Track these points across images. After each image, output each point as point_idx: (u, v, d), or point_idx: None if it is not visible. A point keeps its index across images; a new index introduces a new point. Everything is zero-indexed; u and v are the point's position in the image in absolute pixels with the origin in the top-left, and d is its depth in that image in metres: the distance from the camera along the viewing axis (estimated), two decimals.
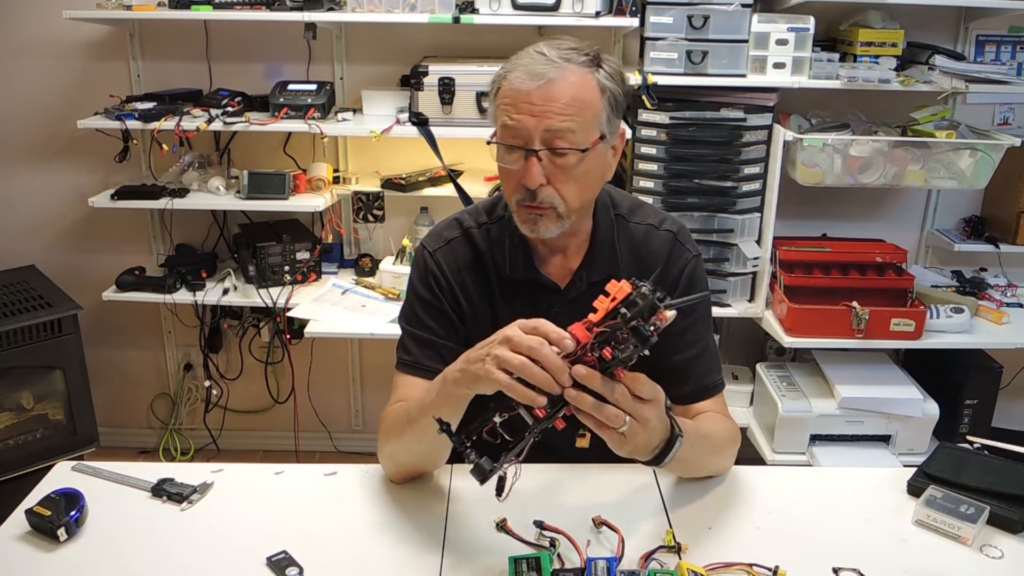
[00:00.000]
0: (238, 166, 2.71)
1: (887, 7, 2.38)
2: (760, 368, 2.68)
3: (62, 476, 1.32)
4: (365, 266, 2.76)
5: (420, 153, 2.58)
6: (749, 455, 2.37)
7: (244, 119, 2.46)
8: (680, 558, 1.12)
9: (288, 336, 2.85)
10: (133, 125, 2.46)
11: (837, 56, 2.36)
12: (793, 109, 2.58)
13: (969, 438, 1.43)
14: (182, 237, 2.89)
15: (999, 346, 2.52)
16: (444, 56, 2.59)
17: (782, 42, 2.31)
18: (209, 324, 2.94)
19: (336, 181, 2.70)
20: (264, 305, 2.57)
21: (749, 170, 2.44)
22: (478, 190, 2.56)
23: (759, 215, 2.50)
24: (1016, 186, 2.60)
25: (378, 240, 2.87)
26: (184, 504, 1.25)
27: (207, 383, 3.02)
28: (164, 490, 1.27)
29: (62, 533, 1.15)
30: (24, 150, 2.82)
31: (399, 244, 2.68)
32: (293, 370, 2.97)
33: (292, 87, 2.55)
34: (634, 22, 2.33)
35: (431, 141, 2.45)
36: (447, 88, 2.41)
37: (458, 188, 2.51)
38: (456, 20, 2.34)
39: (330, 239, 2.83)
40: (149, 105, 2.52)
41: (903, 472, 1.34)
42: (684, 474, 1.32)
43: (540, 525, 1.18)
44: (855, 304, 2.36)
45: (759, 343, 2.88)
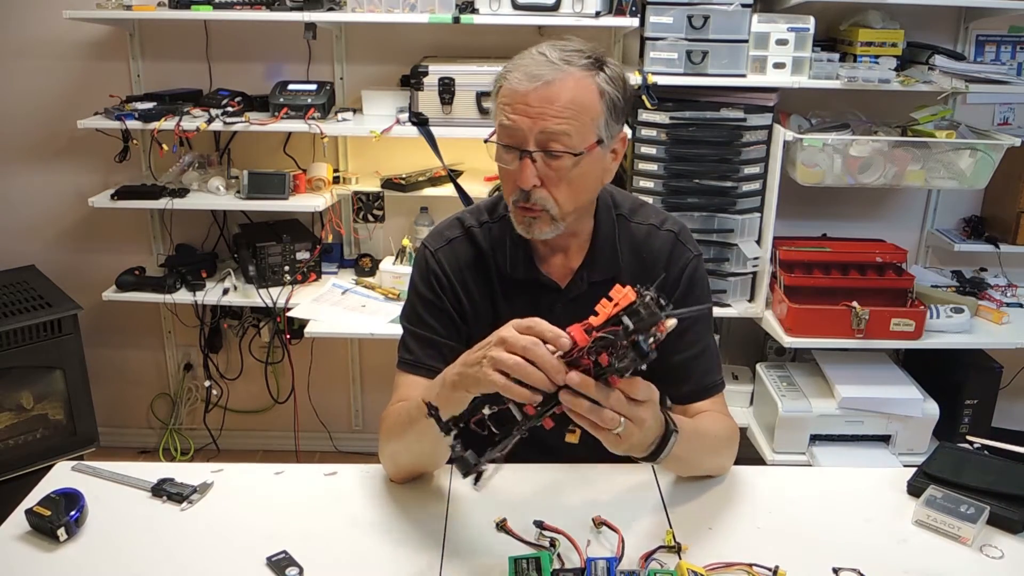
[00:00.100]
0: (238, 166, 2.71)
1: (887, 7, 2.38)
2: (760, 368, 2.68)
3: (62, 476, 1.32)
4: (365, 266, 2.76)
5: (420, 153, 2.58)
6: (749, 455, 2.37)
7: (244, 119, 2.46)
8: (680, 558, 1.12)
9: (288, 336, 2.85)
10: (133, 125, 2.46)
11: (837, 56, 2.36)
12: (793, 109, 2.58)
13: (969, 438, 1.43)
14: (182, 237, 2.89)
15: (999, 346, 2.52)
16: (444, 56, 2.59)
17: (782, 42, 2.31)
18: (209, 324, 2.94)
19: (336, 181, 2.71)
20: (264, 305, 2.57)
21: (749, 170, 2.44)
22: (478, 190, 2.56)
23: (759, 215, 2.50)
24: (1016, 186, 2.60)
25: (378, 240, 2.87)
26: (184, 504, 1.25)
27: (207, 383, 3.02)
28: (164, 490, 1.27)
29: (62, 533, 1.15)
30: (24, 150, 2.82)
31: (399, 244, 2.68)
32: (293, 370, 2.98)
33: (292, 87, 2.55)
34: (634, 22, 2.33)
35: (431, 141, 2.45)
36: (447, 88, 2.41)
37: (458, 188, 2.51)
38: (456, 20, 2.34)
39: (330, 239, 2.83)
40: (149, 105, 2.52)
41: (903, 472, 1.34)
42: (682, 472, 1.32)
43: (540, 525, 1.18)
44: (855, 304, 2.36)
45: (759, 343, 2.88)
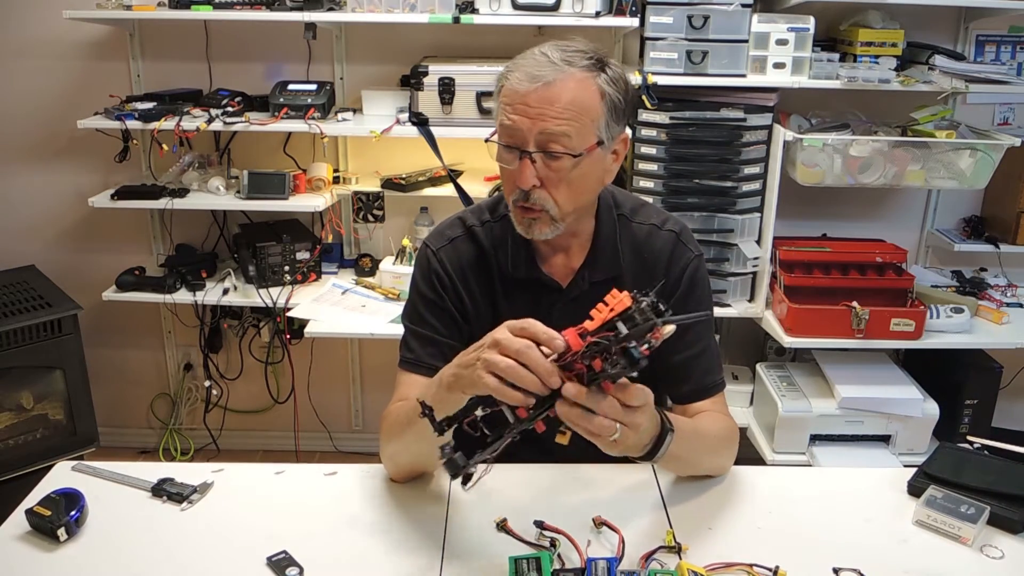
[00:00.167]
0: (238, 166, 2.71)
1: (887, 7, 2.38)
2: (760, 368, 2.68)
3: (62, 476, 1.32)
4: (365, 266, 2.76)
5: (420, 153, 2.58)
6: (749, 455, 2.37)
7: (244, 119, 2.46)
8: (680, 558, 1.12)
9: (288, 336, 2.84)
10: (133, 125, 2.46)
11: (837, 56, 2.36)
12: (793, 109, 2.58)
13: (969, 438, 1.43)
14: (182, 237, 2.89)
15: (999, 346, 2.52)
16: (444, 56, 2.59)
17: (782, 42, 2.31)
18: (209, 324, 2.94)
19: (336, 181, 2.70)
20: (264, 305, 2.57)
21: (749, 170, 2.44)
22: (478, 190, 2.56)
23: (759, 215, 2.50)
24: (1016, 186, 2.60)
25: (378, 240, 2.87)
26: (184, 504, 1.25)
27: (207, 383, 3.02)
28: (164, 490, 1.27)
29: (62, 533, 1.15)
30: (24, 150, 2.82)
31: (399, 244, 2.68)
32: (293, 370, 2.97)
33: (292, 87, 2.55)
34: (634, 22, 2.33)
35: (431, 141, 2.45)
36: (447, 88, 2.41)
37: (458, 188, 2.51)
38: (456, 20, 2.34)
39: (330, 239, 2.83)
40: (149, 105, 2.52)
41: (903, 472, 1.34)
42: (681, 472, 1.32)
43: (540, 525, 1.18)
44: (855, 304, 2.36)
45: (759, 343, 2.88)
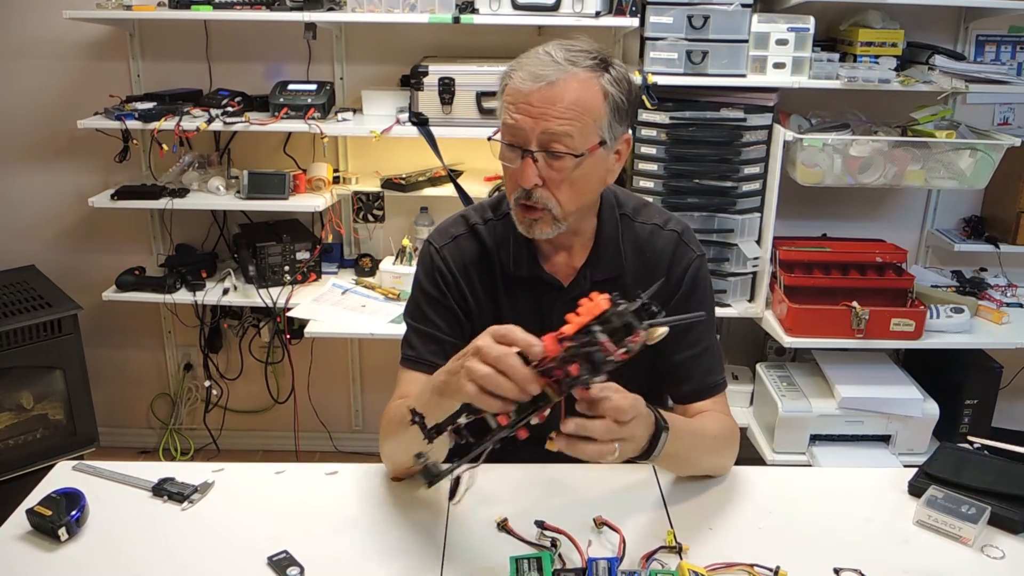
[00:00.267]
0: (238, 166, 2.71)
1: (887, 7, 2.38)
2: (760, 368, 2.68)
3: (63, 476, 1.32)
4: (365, 266, 2.76)
5: (420, 153, 2.58)
6: (749, 455, 2.37)
7: (244, 119, 2.46)
8: (681, 558, 1.12)
9: (288, 336, 2.84)
10: (133, 125, 2.46)
11: (837, 56, 2.36)
12: (793, 109, 2.58)
13: (970, 438, 1.43)
14: (182, 237, 2.89)
15: (999, 346, 2.52)
16: (444, 56, 2.59)
17: (782, 42, 2.31)
18: (209, 324, 2.94)
19: (336, 181, 2.70)
20: (264, 305, 2.57)
21: (749, 170, 2.44)
22: (478, 190, 2.56)
23: (759, 215, 2.50)
24: (1016, 186, 2.60)
25: (378, 240, 2.87)
26: (185, 504, 1.25)
27: (207, 383, 3.02)
28: (165, 490, 1.27)
29: (63, 533, 1.15)
30: (24, 150, 2.82)
31: (399, 244, 2.68)
32: (293, 370, 2.97)
33: (292, 87, 2.55)
34: (634, 22, 2.33)
35: (431, 141, 2.45)
36: (447, 88, 2.41)
37: (458, 188, 2.51)
38: (456, 20, 2.34)
39: (330, 239, 2.83)
40: (149, 105, 2.52)
41: (904, 472, 1.34)
42: (681, 472, 1.32)
43: (541, 525, 1.18)
44: (855, 304, 2.36)
45: (759, 343, 2.88)
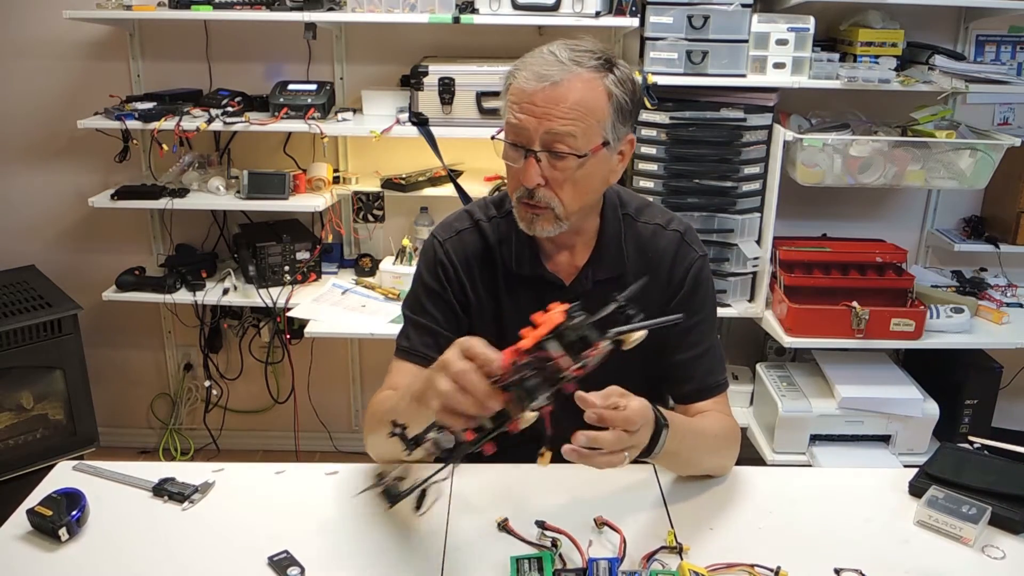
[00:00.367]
0: (238, 166, 2.71)
1: (887, 7, 2.38)
2: (760, 368, 2.68)
3: (63, 476, 1.32)
4: (365, 266, 2.76)
5: (420, 153, 2.58)
6: (749, 455, 2.37)
7: (244, 119, 2.46)
8: (682, 559, 1.12)
9: (288, 336, 2.84)
10: (133, 125, 2.46)
11: (837, 56, 2.36)
12: (793, 109, 2.58)
13: (970, 438, 1.43)
14: (182, 237, 2.89)
15: (999, 346, 2.52)
16: (444, 56, 2.59)
17: (782, 42, 2.31)
18: (209, 324, 2.94)
19: (336, 181, 2.70)
20: (264, 305, 2.57)
21: (749, 170, 2.44)
22: (478, 190, 2.56)
23: (759, 215, 2.50)
24: (1016, 186, 2.60)
25: (378, 240, 2.87)
26: (185, 504, 1.25)
27: (207, 383, 3.02)
28: (165, 490, 1.27)
29: (63, 533, 1.15)
30: (24, 150, 2.82)
31: (399, 244, 2.68)
32: (293, 370, 2.97)
33: (292, 87, 2.55)
34: (634, 22, 2.33)
35: (431, 141, 2.45)
36: (447, 88, 2.41)
37: (458, 188, 2.51)
38: (456, 20, 2.34)
39: (330, 239, 2.83)
40: (149, 105, 2.52)
41: (904, 472, 1.34)
42: (681, 471, 1.32)
43: (542, 525, 1.18)
44: (855, 304, 2.36)
45: (759, 343, 2.88)
